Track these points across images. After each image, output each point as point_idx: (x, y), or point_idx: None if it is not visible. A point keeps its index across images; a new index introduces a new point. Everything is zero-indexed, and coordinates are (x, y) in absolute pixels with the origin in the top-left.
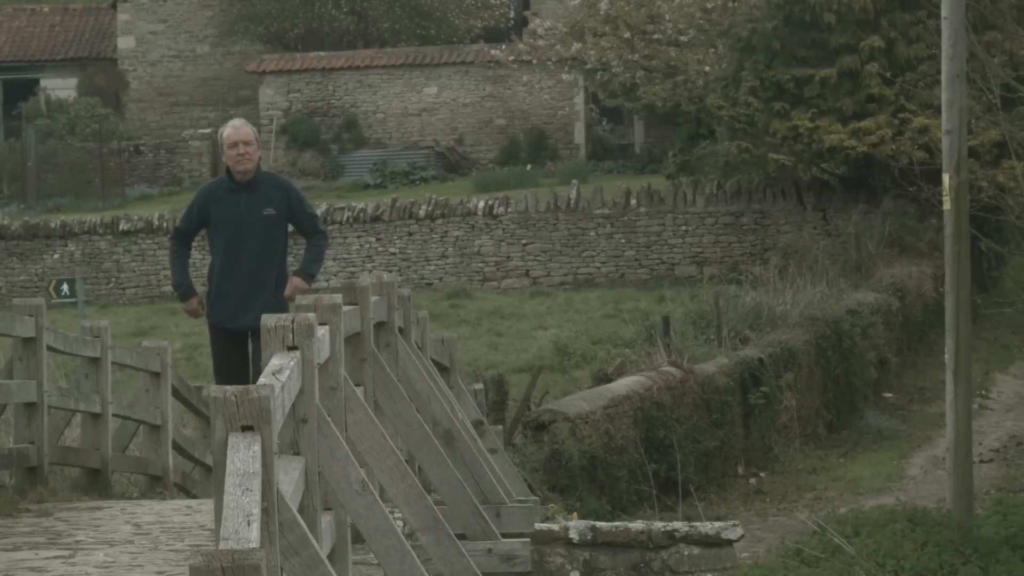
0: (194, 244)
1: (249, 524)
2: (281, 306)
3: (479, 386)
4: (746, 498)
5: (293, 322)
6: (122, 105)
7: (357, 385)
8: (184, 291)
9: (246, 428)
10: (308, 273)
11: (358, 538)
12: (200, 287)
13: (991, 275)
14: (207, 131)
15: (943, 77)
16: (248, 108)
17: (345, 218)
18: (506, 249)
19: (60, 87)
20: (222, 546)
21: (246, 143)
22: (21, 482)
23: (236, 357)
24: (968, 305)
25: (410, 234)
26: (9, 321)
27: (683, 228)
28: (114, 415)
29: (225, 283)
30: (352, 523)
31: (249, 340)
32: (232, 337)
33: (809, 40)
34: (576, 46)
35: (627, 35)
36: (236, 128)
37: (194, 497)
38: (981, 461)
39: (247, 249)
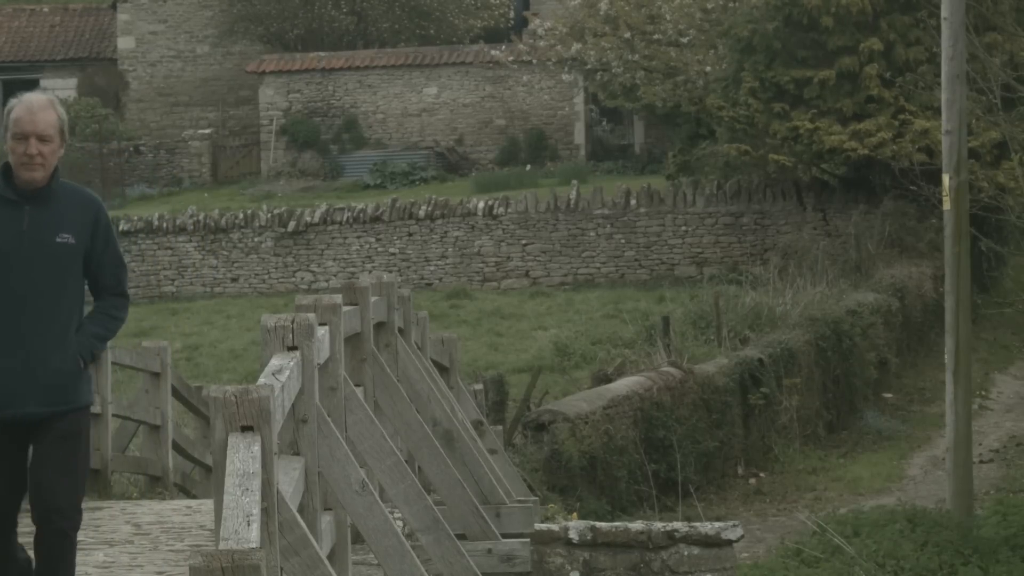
0: None
1: (249, 524)
2: (81, 381)
3: (479, 386)
4: (746, 498)
5: (293, 322)
6: (122, 105)
7: (357, 385)
8: None
9: (246, 428)
10: (84, 354)
11: (358, 538)
12: None
13: (991, 275)
14: (207, 131)
15: (943, 77)
16: (248, 108)
17: (345, 218)
18: (506, 249)
19: (60, 87)
20: (222, 546)
21: (42, 138)
22: None
23: (9, 459)
24: (968, 305)
25: (410, 234)
26: None
27: (683, 228)
28: (114, 415)
29: None
30: (352, 523)
31: (30, 438)
32: (4, 429)
33: (808, 41)
34: (576, 46)
35: (627, 35)
36: (31, 111)
37: (194, 497)
38: (981, 461)
39: (29, 291)
